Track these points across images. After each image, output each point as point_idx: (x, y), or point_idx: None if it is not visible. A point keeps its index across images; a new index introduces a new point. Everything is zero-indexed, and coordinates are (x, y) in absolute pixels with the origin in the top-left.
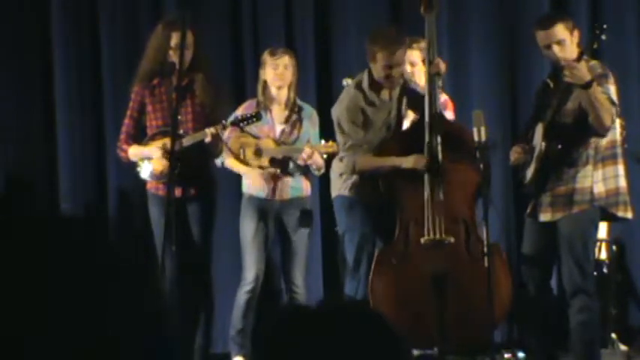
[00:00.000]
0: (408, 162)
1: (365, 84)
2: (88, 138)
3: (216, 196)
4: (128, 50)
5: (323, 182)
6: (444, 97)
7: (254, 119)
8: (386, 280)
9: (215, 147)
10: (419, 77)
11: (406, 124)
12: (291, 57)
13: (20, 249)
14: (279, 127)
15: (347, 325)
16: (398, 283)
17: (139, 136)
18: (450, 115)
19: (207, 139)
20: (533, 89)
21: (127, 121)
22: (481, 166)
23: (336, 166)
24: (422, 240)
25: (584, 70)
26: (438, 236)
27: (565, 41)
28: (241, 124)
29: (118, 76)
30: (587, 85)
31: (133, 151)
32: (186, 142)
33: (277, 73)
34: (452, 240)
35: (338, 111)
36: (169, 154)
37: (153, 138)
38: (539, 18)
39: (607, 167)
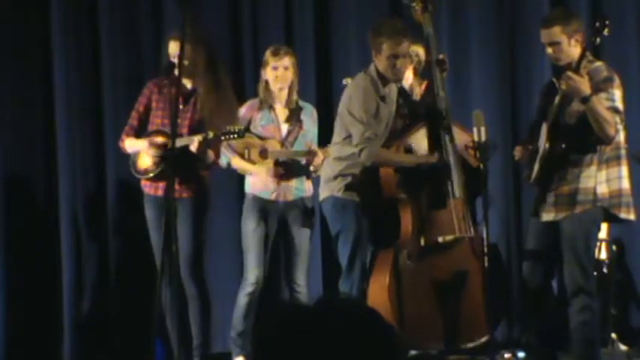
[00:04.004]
0: (433, 158)
1: (375, 77)
2: (88, 137)
3: (208, 199)
4: (128, 50)
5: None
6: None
7: (236, 135)
8: (404, 280)
9: (203, 154)
10: (407, 77)
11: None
12: (292, 57)
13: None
14: (284, 126)
15: (344, 323)
16: (415, 282)
17: (141, 131)
18: None
19: (193, 146)
20: (533, 89)
21: (132, 113)
22: (481, 166)
23: (329, 168)
24: (441, 239)
25: (582, 83)
26: (463, 233)
27: (559, 45)
28: (223, 138)
29: (118, 76)
30: (585, 100)
31: (129, 144)
32: (177, 144)
33: (278, 74)
34: (472, 234)
35: (356, 102)
36: (155, 149)
37: (150, 135)
38: (546, 15)
39: (611, 168)
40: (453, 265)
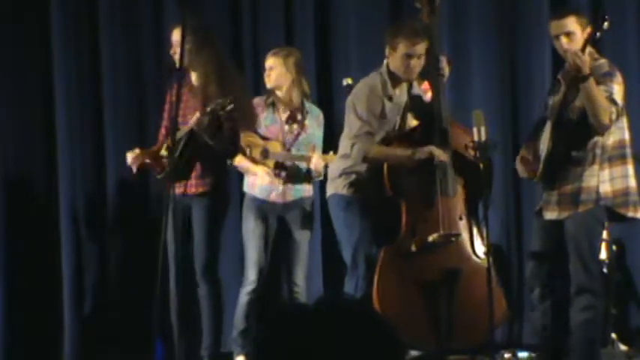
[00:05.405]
0: (423, 152)
1: (385, 76)
2: (88, 137)
3: (225, 195)
4: (128, 50)
5: (324, 182)
6: (425, 85)
7: (228, 103)
8: (394, 279)
9: (208, 136)
10: None
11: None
12: (278, 58)
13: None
14: (286, 128)
15: (345, 323)
16: (406, 281)
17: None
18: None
19: (194, 126)
20: (534, 89)
21: (164, 115)
22: (481, 166)
23: (335, 166)
24: (430, 238)
25: (586, 62)
26: (447, 230)
27: (575, 34)
28: (217, 109)
29: (118, 76)
30: (583, 78)
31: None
32: (179, 134)
33: (265, 75)
34: (461, 235)
35: (359, 97)
36: (167, 147)
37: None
38: (555, 9)
39: (614, 167)
40: (444, 264)
